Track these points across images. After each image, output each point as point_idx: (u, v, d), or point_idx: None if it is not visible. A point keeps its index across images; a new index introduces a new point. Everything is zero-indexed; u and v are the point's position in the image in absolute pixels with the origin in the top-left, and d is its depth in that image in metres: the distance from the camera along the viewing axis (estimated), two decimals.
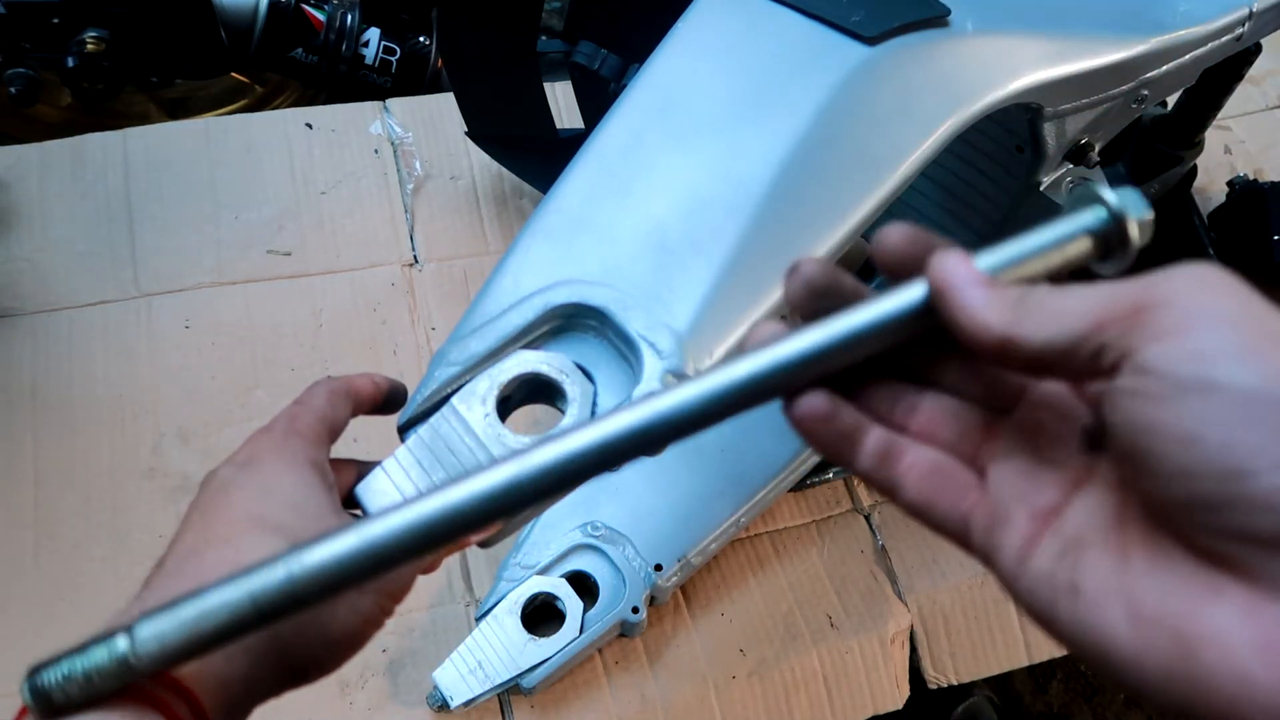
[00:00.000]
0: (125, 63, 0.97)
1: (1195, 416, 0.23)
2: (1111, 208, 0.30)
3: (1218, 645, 0.23)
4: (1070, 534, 0.27)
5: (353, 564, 0.29)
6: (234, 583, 0.29)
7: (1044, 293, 0.28)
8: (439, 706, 0.65)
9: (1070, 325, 0.26)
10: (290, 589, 0.29)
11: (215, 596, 0.29)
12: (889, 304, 0.30)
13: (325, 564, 0.29)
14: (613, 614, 0.67)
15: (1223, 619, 0.23)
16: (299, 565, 0.29)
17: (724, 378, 0.30)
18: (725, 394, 0.30)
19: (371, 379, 0.46)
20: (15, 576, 0.70)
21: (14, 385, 0.77)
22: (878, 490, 0.31)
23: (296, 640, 0.36)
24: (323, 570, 0.29)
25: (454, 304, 0.85)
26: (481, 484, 0.30)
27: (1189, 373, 0.24)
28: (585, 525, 0.69)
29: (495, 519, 0.30)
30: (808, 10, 0.54)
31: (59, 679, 0.30)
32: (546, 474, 0.30)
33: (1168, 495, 0.24)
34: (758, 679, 0.71)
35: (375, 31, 1.09)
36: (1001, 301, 0.28)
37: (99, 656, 0.29)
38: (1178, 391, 0.24)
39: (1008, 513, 0.28)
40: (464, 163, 0.93)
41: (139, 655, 0.29)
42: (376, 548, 0.29)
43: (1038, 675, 1.28)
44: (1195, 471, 0.23)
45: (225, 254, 0.85)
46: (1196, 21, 0.62)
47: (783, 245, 0.47)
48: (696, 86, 0.51)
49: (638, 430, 0.30)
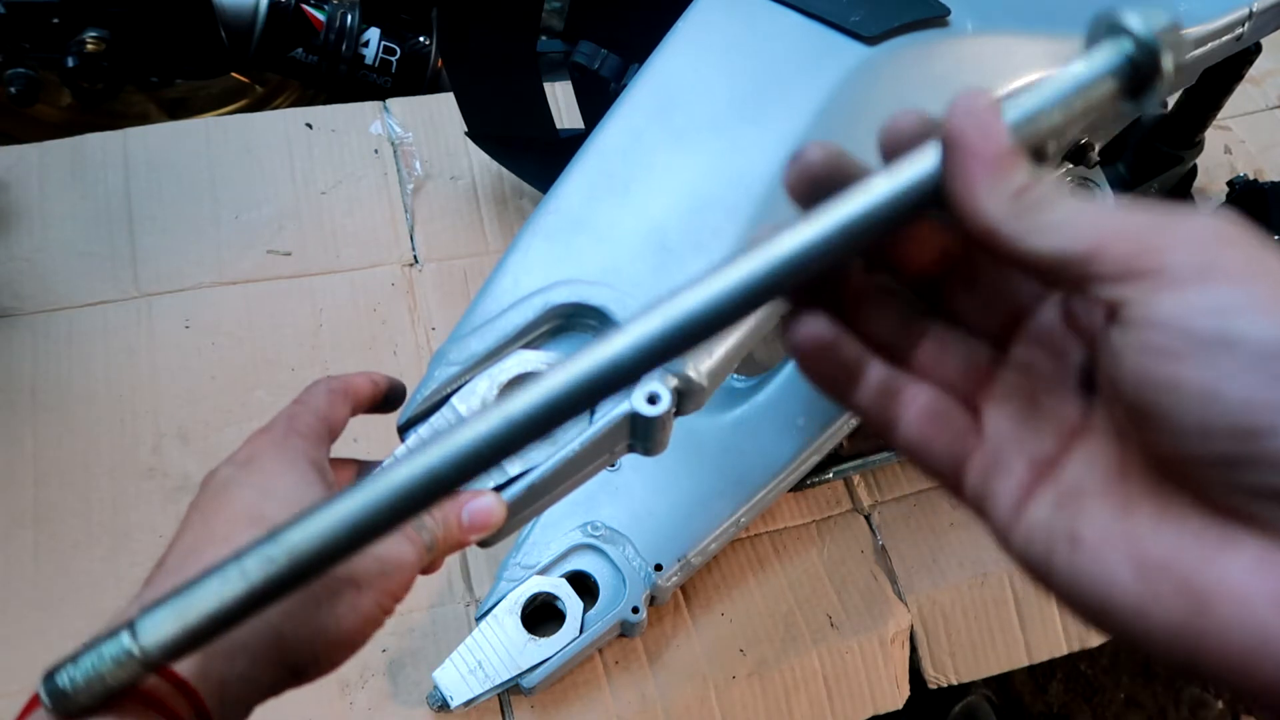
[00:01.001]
0: (125, 63, 0.97)
1: (1213, 373, 0.22)
2: (1136, 36, 0.26)
3: (1231, 598, 0.22)
4: (1069, 485, 0.26)
5: (354, 527, 0.28)
6: (228, 566, 0.29)
7: (1051, 195, 0.26)
8: (439, 706, 0.65)
9: (1066, 242, 0.25)
10: (286, 565, 0.28)
11: (211, 581, 0.29)
12: (897, 177, 0.27)
13: (320, 533, 0.28)
14: (613, 614, 0.67)
15: (1237, 571, 0.22)
16: (290, 540, 0.28)
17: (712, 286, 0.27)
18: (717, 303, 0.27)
19: (370, 378, 0.46)
20: (15, 576, 0.70)
21: (14, 385, 0.77)
22: (871, 426, 0.30)
23: (296, 639, 0.36)
24: (318, 539, 0.28)
25: (454, 304, 0.85)
26: (470, 434, 0.28)
27: (1206, 327, 0.22)
28: (585, 525, 0.69)
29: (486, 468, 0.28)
30: (808, 10, 0.54)
31: (74, 680, 0.30)
32: (530, 419, 0.28)
33: (1180, 452, 0.23)
34: (758, 679, 0.71)
35: (375, 31, 1.09)
36: (1004, 188, 0.26)
37: (107, 653, 0.30)
38: (1195, 347, 0.23)
39: (1005, 461, 0.27)
40: (464, 163, 0.93)
41: (144, 649, 0.29)
42: (379, 507, 0.28)
43: (1038, 675, 1.28)
44: (1213, 429, 0.22)
45: (225, 254, 0.85)
46: (1196, 21, 0.62)
47: None
48: (696, 86, 0.51)
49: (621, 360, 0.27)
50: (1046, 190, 0.26)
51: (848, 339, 0.29)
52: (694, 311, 0.27)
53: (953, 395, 0.29)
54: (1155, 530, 0.24)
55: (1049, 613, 0.77)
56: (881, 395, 0.29)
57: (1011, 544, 0.27)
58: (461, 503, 0.41)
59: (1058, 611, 0.77)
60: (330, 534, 0.28)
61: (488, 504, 0.41)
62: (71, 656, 0.30)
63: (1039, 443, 0.27)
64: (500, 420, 0.27)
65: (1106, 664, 1.30)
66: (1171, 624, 0.23)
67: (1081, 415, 0.27)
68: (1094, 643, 0.78)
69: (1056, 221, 0.25)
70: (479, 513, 0.41)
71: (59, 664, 0.30)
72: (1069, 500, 0.26)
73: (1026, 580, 0.26)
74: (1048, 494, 0.26)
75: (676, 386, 0.43)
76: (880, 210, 0.27)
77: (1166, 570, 0.23)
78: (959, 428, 0.29)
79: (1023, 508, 0.26)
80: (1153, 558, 0.23)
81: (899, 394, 0.29)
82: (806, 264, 0.27)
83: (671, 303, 0.27)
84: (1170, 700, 1.30)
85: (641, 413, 0.42)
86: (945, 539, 0.78)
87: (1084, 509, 0.25)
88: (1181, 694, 1.30)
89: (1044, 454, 0.27)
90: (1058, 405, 0.27)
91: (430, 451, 0.28)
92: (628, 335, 0.27)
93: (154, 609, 0.30)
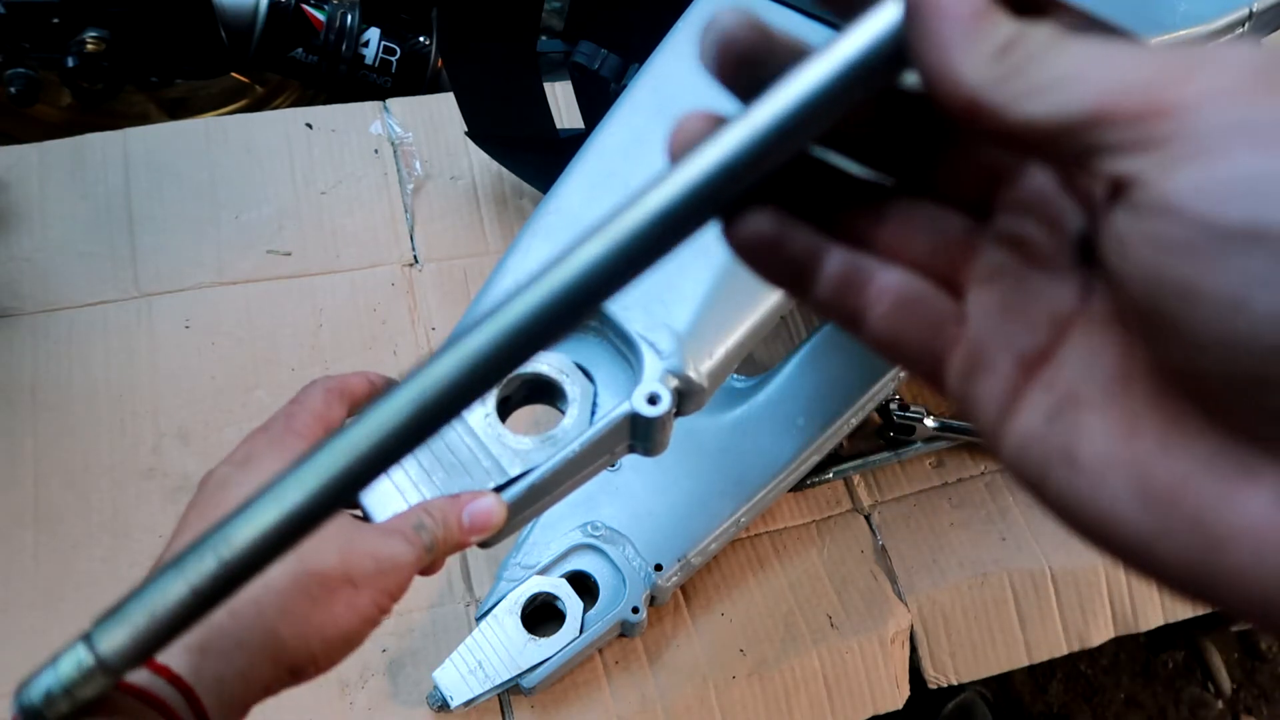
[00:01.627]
0: (125, 63, 0.97)
1: (1241, 276, 0.18)
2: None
3: (1251, 539, 0.19)
4: (1063, 388, 0.22)
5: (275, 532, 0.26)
6: (169, 571, 0.28)
7: (1046, 45, 0.20)
8: (439, 706, 0.65)
9: (1065, 104, 0.20)
10: (221, 569, 0.27)
11: (155, 587, 0.28)
12: (845, 48, 0.22)
13: (249, 535, 0.27)
14: (613, 614, 0.67)
15: (1257, 508, 0.19)
16: (226, 546, 0.27)
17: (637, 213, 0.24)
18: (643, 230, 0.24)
19: (367, 377, 0.46)
20: (15, 576, 0.70)
21: (14, 385, 0.77)
22: (837, 322, 0.26)
23: (293, 638, 0.36)
24: (252, 545, 0.27)
25: (454, 304, 0.85)
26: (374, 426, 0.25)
27: (1235, 214, 0.18)
28: (585, 525, 0.69)
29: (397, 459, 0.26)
30: (808, 10, 0.54)
31: (47, 692, 0.29)
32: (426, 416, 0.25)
33: (1196, 365, 0.19)
34: (758, 679, 0.71)
35: (375, 31, 1.09)
36: (985, 47, 0.21)
37: (69, 666, 0.29)
38: (1219, 241, 0.18)
39: (988, 356, 0.23)
40: (464, 163, 0.93)
41: (102, 659, 0.28)
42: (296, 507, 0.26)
43: (1038, 675, 1.28)
44: (1237, 342, 0.18)
45: (225, 254, 0.85)
46: (1196, 21, 0.62)
47: None
48: (697, 86, 0.51)
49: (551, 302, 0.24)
50: (1039, 42, 0.20)
51: (796, 228, 0.25)
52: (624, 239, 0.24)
53: (928, 276, 0.25)
54: (1163, 453, 0.20)
55: (1049, 613, 0.77)
56: (843, 285, 0.25)
57: (1001, 453, 0.23)
58: (462, 503, 0.41)
59: (1058, 611, 0.77)
60: (259, 536, 0.27)
61: (488, 505, 0.41)
62: (39, 670, 0.30)
63: (1028, 333, 0.23)
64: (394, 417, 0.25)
65: (1106, 664, 1.31)
66: (1182, 560, 0.20)
67: (1078, 297, 0.22)
68: (1094, 643, 0.78)
69: (1052, 79, 0.20)
70: (479, 514, 0.41)
71: (28, 678, 0.30)
72: (1065, 409, 0.22)
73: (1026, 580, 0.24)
74: (1039, 398, 0.22)
75: (677, 387, 0.43)
76: (831, 92, 0.22)
77: (1176, 504, 0.20)
78: (936, 315, 0.24)
79: (1011, 413, 0.23)
80: (1160, 487, 0.20)
81: (864, 282, 0.25)
82: (753, 168, 0.23)
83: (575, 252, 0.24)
84: (1170, 700, 1.30)
85: (642, 413, 0.42)
86: (945, 539, 0.78)
87: (1081, 423, 0.21)
88: (1181, 694, 1.30)
89: (1033, 347, 0.23)
90: (1050, 283, 0.23)
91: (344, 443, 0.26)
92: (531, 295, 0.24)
93: (106, 618, 0.29)
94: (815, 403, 0.73)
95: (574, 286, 0.24)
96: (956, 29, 0.21)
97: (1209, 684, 1.31)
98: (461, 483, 0.42)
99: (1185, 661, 1.32)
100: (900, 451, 0.81)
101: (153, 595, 0.28)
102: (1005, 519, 0.79)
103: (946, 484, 0.81)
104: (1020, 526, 0.79)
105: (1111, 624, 0.78)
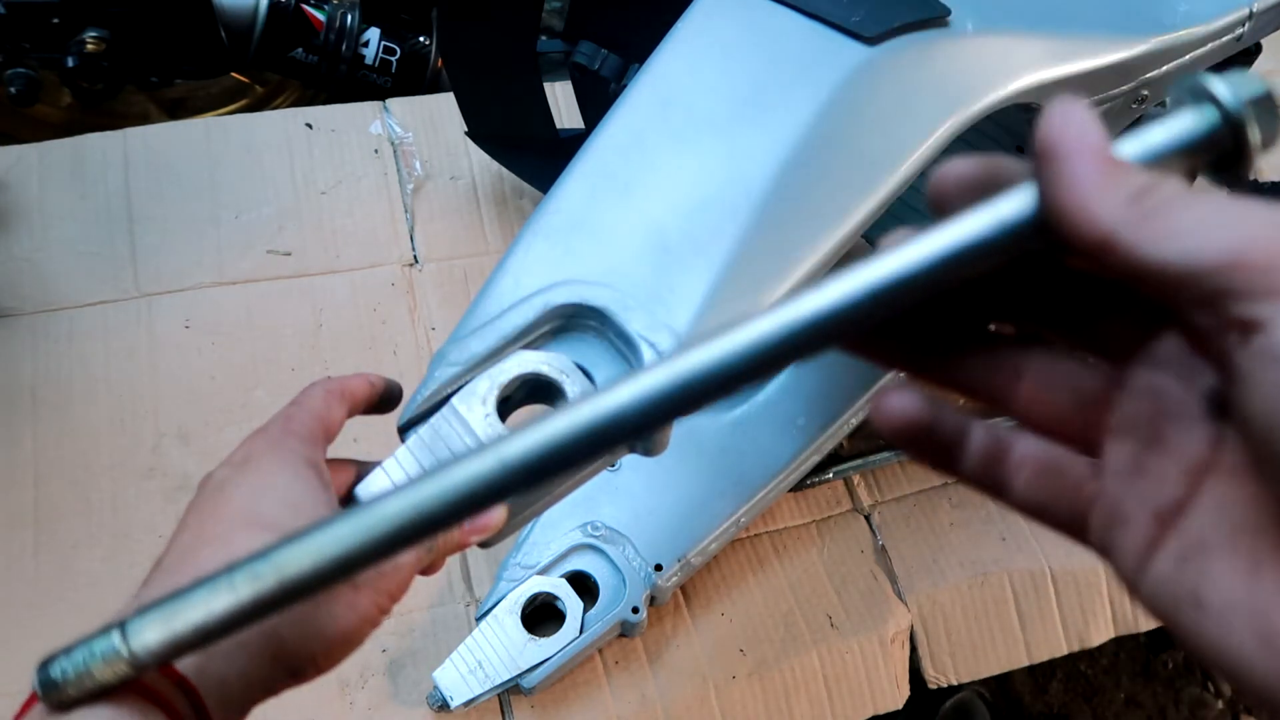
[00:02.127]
0: (125, 63, 0.97)
1: None
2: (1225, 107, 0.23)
3: None
4: (1194, 536, 0.23)
5: (343, 557, 0.28)
6: (218, 579, 0.29)
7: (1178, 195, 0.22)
8: (439, 706, 0.65)
9: (1199, 250, 0.21)
10: (274, 585, 0.28)
11: (200, 592, 0.29)
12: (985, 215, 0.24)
13: (316, 561, 0.28)
14: (613, 614, 0.67)
15: None
16: (279, 560, 0.28)
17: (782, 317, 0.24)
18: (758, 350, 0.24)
19: (367, 379, 0.46)
20: (15, 576, 0.70)
21: (14, 385, 0.77)
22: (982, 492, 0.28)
23: (294, 638, 0.36)
24: (312, 568, 0.28)
25: (454, 304, 0.85)
26: (483, 466, 0.27)
27: None
28: (585, 525, 0.69)
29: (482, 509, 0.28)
30: (808, 10, 0.54)
31: (65, 672, 0.30)
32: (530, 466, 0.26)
33: None
34: (758, 679, 0.71)
35: (375, 31, 1.09)
36: (1120, 189, 0.22)
37: (98, 650, 0.30)
38: None
39: (1126, 512, 0.24)
40: (464, 163, 0.93)
41: (132, 651, 0.29)
42: (369, 539, 0.28)
43: (1038, 675, 1.28)
44: None
45: (225, 254, 0.85)
46: (1196, 21, 0.62)
47: (782, 245, 0.47)
48: (697, 86, 0.51)
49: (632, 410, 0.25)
50: (1172, 191, 0.22)
51: (943, 410, 0.26)
52: (735, 356, 0.24)
53: (1065, 436, 0.26)
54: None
55: (1049, 613, 0.77)
56: (987, 462, 0.27)
57: (1138, 595, 0.24)
58: None
59: (1058, 611, 0.77)
60: (320, 561, 0.28)
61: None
62: (66, 648, 0.31)
63: (1162, 486, 0.24)
64: (497, 464, 0.26)
65: (1106, 664, 1.30)
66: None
67: (1211, 447, 0.23)
68: (1094, 642, 0.78)
69: (1188, 226, 0.21)
70: (479, 515, 0.41)
71: (53, 654, 0.31)
72: (1193, 555, 0.23)
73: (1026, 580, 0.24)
74: (1172, 546, 0.23)
75: None
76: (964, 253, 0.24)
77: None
78: (1075, 479, 0.26)
79: (1147, 563, 0.24)
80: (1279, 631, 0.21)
81: (1006, 456, 0.26)
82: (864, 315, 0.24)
83: (709, 344, 0.25)
84: (1170, 700, 1.30)
85: None
86: (945, 539, 0.78)
87: (1208, 568, 0.22)
88: (1181, 694, 1.30)
89: (1168, 501, 0.24)
90: (1184, 436, 0.24)
91: (425, 488, 0.27)
92: (654, 376, 0.25)
93: (145, 612, 0.30)
94: (815, 403, 0.73)
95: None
96: (1094, 169, 0.22)
97: (1209, 684, 1.31)
98: None
99: (1185, 661, 1.32)
100: (900, 451, 0.81)
101: (196, 600, 0.29)
102: (1005, 519, 0.79)
103: (946, 484, 0.81)
104: (1020, 526, 0.79)
105: (1111, 624, 0.78)
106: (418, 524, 0.27)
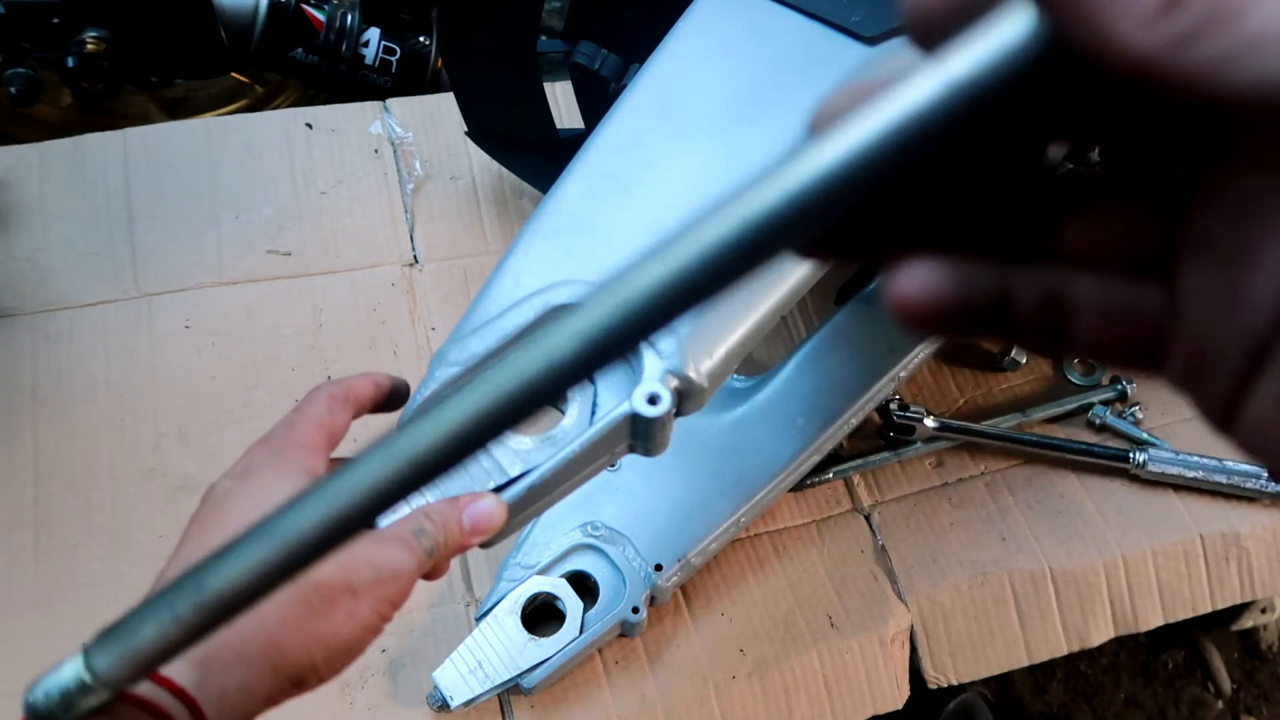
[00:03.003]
0: (125, 63, 0.97)
1: None
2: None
3: None
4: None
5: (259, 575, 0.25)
6: (158, 603, 0.28)
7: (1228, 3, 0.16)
8: (439, 706, 0.65)
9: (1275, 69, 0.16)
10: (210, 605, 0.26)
11: (146, 615, 0.28)
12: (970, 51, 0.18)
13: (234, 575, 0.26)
14: (613, 614, 0.67)
15: None
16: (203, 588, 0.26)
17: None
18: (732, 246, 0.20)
19: (372, 379, 0.46)
20: (15, 576, 0.70)
21: (14, 385, 0.77)
22: (1037, 351, 0.22)
23: (295, 648, 0.36)
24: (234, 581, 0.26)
25: (454, 304, 0.85)
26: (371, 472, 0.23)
27: None
28: (585, 525, 0.69)
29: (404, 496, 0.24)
30: (808, 10, 0.54)
31: (50, 696, 0.30)
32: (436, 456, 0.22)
33: None
34: (758, 679, 0.71)
35: (375, 31, 1.09)
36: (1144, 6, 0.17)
37: (68, 677, 0.29)
38: None
39: (1211, 348, 0.20)
40: (464, 163, 0.93)
41: (99, 676, 0.29)
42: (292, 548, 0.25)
43: (1038, 675, 1.28)
44: None
45: (225, 254, 0.85)
46: None
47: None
48: (697, 86, 0.51)
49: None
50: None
51: (972, 271, 0.21)
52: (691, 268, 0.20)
53: (1129, 267, 0.21)
54: None
55: (1049, 613, 0.77)
56: (1043, 314, 0.22)
57: (1229, 438, 0.21)
58: (462, 506, 0.41)
59: (1058, 611, 0.77)
60: (243, 577, 0.26)
61: (488, 506, 0.41)
62: (42, 676, 0.30)
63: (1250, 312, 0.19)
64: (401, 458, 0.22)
65: (1106, 664, 1.30)
66: None
67: None
68: (1094, 643, 0.78)
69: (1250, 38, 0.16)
70: (480, 516, 0.41)
71: (36, 681, 0.30)
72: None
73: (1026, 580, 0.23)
74: (1268, 385, 0.19)
75: (677, 387, 0.43)
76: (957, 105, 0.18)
77: None
78: (1148, 316, 0.21)
79: (1240, 401, 0.20)
80: None
81: (1062, 302, 0.22)
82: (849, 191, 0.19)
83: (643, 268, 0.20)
84: (1170, 700, 1.30)
85: (642, 413, 0.42)
86: (945, 539, 0.78)
87: None
88: (1181, 694, 1.30)
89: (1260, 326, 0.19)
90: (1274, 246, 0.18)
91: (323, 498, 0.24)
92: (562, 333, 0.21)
93: (103, 637, 0.29)
94: (815, 403, 0.73)
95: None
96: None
97: (1209, 684, 1.31)
98: (461, 484, 0.42)
99: (1185, 661, 1.32)
100: (900, 451, 0.81)
101: (142, 621, 0.28)
102: (1005, 519, 0.79)
103: (946, 484, 0.81)
104: (1020, 526, 0.79)
105: (1111, 624, 0.78)
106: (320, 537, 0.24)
